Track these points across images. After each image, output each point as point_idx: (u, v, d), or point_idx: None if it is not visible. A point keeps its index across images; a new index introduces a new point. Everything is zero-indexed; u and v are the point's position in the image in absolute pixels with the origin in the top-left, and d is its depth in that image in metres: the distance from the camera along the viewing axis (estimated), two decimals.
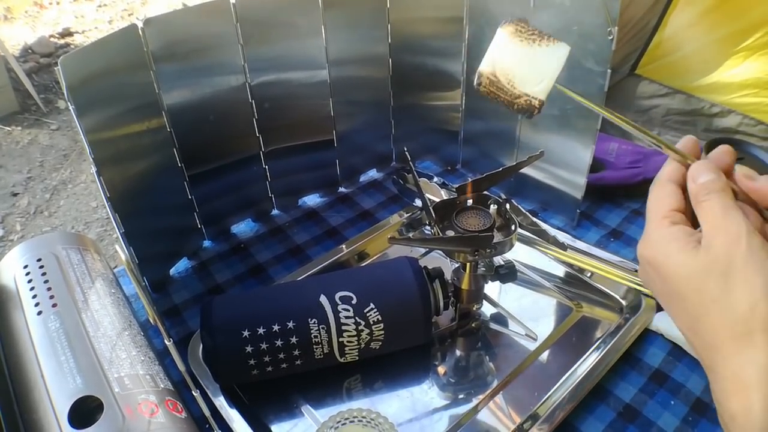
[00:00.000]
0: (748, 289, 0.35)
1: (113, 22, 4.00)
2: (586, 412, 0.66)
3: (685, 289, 0.38)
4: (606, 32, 0.72)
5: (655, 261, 0.40)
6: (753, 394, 0.33)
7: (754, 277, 0.35)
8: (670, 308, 0.40)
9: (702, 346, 0.37)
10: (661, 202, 0.41)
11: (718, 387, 0.36)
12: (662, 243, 0.40)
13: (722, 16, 1.18)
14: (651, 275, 0.41)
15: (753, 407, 0.33)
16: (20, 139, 2.86)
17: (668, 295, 0.40)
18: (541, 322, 0.76)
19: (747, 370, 0.34)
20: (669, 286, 0.39)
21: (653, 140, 0.45)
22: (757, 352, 0.34)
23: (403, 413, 0.66)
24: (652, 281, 0.41)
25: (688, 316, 0.38)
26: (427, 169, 1.05)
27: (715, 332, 0.36)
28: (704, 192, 0.39)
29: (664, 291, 0.40)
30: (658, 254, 0.40)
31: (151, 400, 0.53)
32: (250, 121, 0.85)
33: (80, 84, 0.63)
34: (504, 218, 0.70)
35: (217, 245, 0.90)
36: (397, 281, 0.68)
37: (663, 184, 0.43)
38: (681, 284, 0.38)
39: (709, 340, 0.36)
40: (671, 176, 0.43)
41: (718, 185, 0.39)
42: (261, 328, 0.63)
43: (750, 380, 0.34)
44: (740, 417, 0.34)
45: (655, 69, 1.29)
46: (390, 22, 0.89)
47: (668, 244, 0.39)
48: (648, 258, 0.41)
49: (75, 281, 0.64)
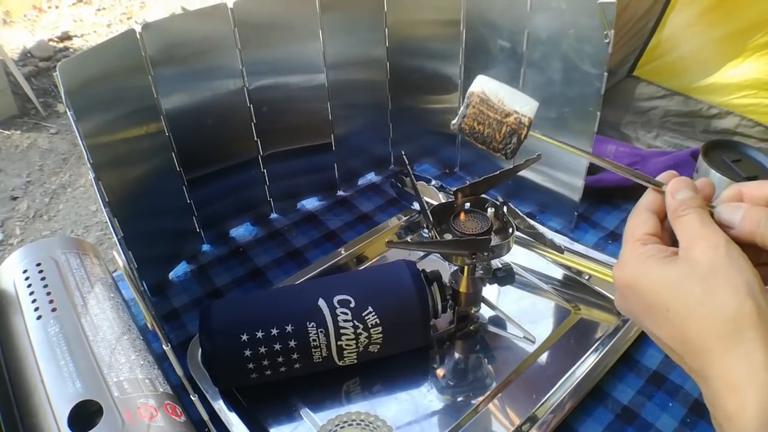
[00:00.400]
0: (732, 290, 0.35)
1: (112, 26, 4.01)
2: (584, 414, 0.66)
3: (667, 299, 0.38)
4: (602, 35, 0.73)
5: (632, 280, 0.40)
6: (747, 391, 0.33)
7: (737, 279, 0.35)
8: (653, 324, 0.40)
9: (691, 352, 0.37)
10: (636, 228, 0.42)
11: (710, 390, 0.36)
12: (638, 261, 0.40)
13: (720, 16, 1.18)
14: (629, 297, 0.41)
15: (748, 404, 0.33)
16: (19, 143, 2.86)
17: (650, 312, 0.39)
18: (540, 325, 0.76)
19: (739, 368, 0.34)
20: (650, 300, 0.39)
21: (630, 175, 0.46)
22: (748, 349, 0.34)
23: (402, 416, 0.67)
24: (631, 303, 0.41)
25: (673, 326, 0.37)
26: (425, 172, 1.06)
27: (704, 335, 0.36)
28: (682, 207, 0.40)
29: (645, 308, 0.40)
30: (635, 273, 0.40)
31: (151, 404, 0.53)
32: (248, 125, 0.85)
33: (78, 89, 0.63)
34: (501, 221, 0.70)
35: (216, 249, 0.90)
36: (395, 285, 0.68)
37: (639, 212, 0.43)
38: (662, 295, 0.38)
39: (699, 344, 0.36)
40: (647, 205, 0.44)
41: (696, 202, 0.40)
42: (260, 332, 0.63)
43: (743, 377, 0.34)
44: (736, 416, 0.34)
45: (654, 70, 1.29)
46: (387, 25, 0.90)
47: (644, 261, 0.40)
48: (625, 280, 0.41)
49: (74, 286, 0.64)
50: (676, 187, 0.42)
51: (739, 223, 0.39)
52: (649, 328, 0.40)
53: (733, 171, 0.83)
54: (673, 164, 0.97)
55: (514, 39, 0.83)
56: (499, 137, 0.52)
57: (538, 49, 0.81)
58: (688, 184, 0.42)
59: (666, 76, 1.27)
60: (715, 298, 0.35)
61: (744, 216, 0.39)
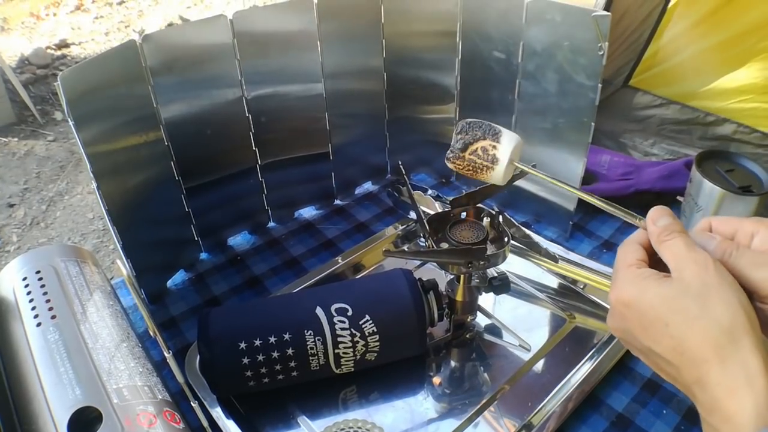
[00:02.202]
0: (725, 304, 0.38)
1: (110, 34, 4.01)
2: (579, 422, 0.67)
3: (666, 314, 0.40)
4: (597, 47, 0.74)
5: (630, 298, 0.42)
6: (745, 395, 0.36)
7: (729, 294, 0.38)
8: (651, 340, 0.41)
9: (689, 362, 0.39)
10: (628, 256, 0.45)
11: (708, 396, 0.38)
12: (635, 281, 0.43)
13: (714, 25, 1.20)
14: (627, 315, 0.43)
15: (746, 405, 0.36)
16: (17, 150, 2.86)
17: (649, 328, 0.41)
18: (535, 333, 0.77)
19: (737, 373, 0.36)
20: (649, 316, 0.41)
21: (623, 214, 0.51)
22: (744, 356, 0.37)
23: (399, 424, 0.67)
24: (628, 321, 0.43)
25: (672, 339, 0.40)
26: (421, 181, 1.06)
27: (703, 346, 0.38)
28: (666, 233, 0.43)
29: (644, 325, 0.42)
30: (633, 292, 0.42)
31: (150, 411, 0.54)
32: (246, 134, 0.86)
33: (79, 98, 0.64)
34: (497, 230, 0.71)
35: (213, 257, 0.91)
36: (392, 293, 0.69)
37: (628, 243, 0.47)
38: (661, 310, 0.40)
39: (698, 354, 0.38)
40: (635, 239, 0.47)
41: (677, 227, 0.44)
42: (258, 340, 0.63)
43: (740, 382, 0.36)
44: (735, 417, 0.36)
45: (650, 79, 1.30)
46: (385, 37, 0.91)
47: (642, 282, 0.42)
48: (623, 299, 0.43)
49: (74, 293, 0.64)
50: (656, 216, 0.45)
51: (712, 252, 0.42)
52: (645, 344, 0.42)
53: (727, 181, 0.84)
54: (666, 174, 0.98)
55: (510, 50, 0.84)
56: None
57: (533, 60, 0.82)
58: (667, 212, 0.45)
59: (662, 85, 1.28)
60: (710, 312, 0.38)
61: (716, 247, 0.42)
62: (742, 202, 0.82)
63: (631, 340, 0.44)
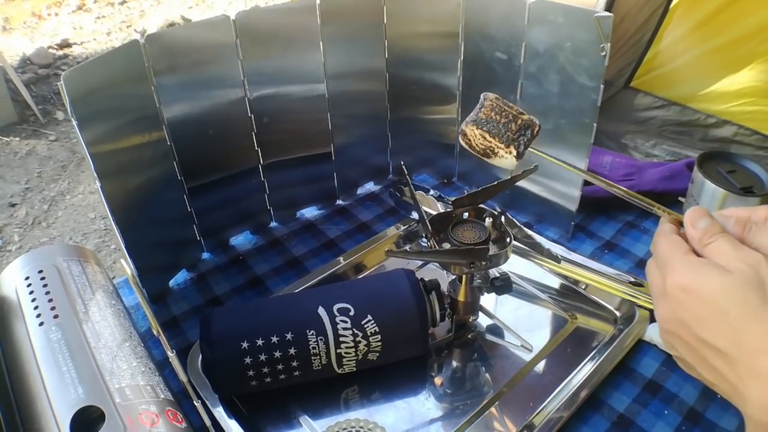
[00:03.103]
0: None
1: (111, 34, 4.02)
2: (580, 422, 0.67)
3: (727, 303, 0.40)
4: (599, 48, 0.74)
5: (692, 284, 0.42)
6: None
7: None
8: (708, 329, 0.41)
9: (749, 352, 0.39)
10: (678, 245, 0.45)
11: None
12: (696, 267, 0.42)
13: (715, 27, 1.20)
14: (684, 303, 0.42)
15: None
16: (18, 150, 2.86)
17: (705, 318, 0.41)
18: (537, 333, 0.77)
19: None
20: (709, 304, 0.41)
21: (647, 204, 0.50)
22: None
23: (401, 424, 0.67)
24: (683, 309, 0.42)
25: (730, 328, 0.39)
26: (423, 182, 1.06)
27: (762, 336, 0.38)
28: (707, 235, 0.43)
29: (699, 315, 0.41)
30: (694, 277, 0.42)
31: (152, 411, 0.54)
32: (249, 135, 0.86)
33: (82, 98, 0.64)
34: (499, 231, 0.71)
35: (215, 257, 0.91)
36: (394, 293, 0.69)
37: (669, 234, 0.46)
38: (723, 299, 0.40)
39: (757, 344, 0.38)
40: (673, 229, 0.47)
41: (718, 227, 0.43)
42: (260, 340, 0.64)
43: None
44: None
45: (651, 80, 1.30)
46: (387, 38, 0.91)
47: (702, 267, 0.42)
48: (683, 284, 0.42)
49: (76, 293, 0.65)
50: (695, 217, 0.45)
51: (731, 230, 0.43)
52: (700, 334, 0.42)
53: (728, 182, 0.84)
54: (668, 175, 0.98)
55: (512, 51, 0.85)
56: (515, 128, 0.56)
57: (535, 61, 0.83)
58: (705, 212, 0.45)
59: (663, 87, 1.28)
60: None
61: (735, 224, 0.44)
62: (744, 203, 0.82)
63: (682, 331, 0.43)
